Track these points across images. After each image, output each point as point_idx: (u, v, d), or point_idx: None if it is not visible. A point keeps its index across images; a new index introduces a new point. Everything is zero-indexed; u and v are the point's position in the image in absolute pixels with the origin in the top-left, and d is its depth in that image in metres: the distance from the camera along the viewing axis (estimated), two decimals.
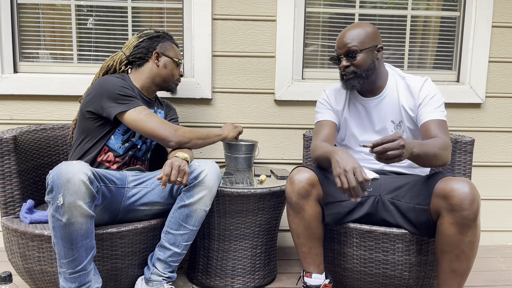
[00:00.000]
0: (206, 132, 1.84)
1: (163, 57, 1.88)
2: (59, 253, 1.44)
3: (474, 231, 1.43)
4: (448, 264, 1.49)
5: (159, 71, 1.88)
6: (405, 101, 1.76)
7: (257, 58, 2.33)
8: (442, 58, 2.49)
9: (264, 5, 2.29)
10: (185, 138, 1.75)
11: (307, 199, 1.60)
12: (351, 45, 1.71)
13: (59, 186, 1.38)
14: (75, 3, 2.31)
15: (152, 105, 1.94)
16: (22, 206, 1.72)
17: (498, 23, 2.38)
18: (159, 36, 1.90)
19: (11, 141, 1.70)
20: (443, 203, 1.46)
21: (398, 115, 1.78)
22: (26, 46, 2.34)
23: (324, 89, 1.94)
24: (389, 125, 1.79)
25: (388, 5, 2.42)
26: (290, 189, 1.62)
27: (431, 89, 1.74)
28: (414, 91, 1.75)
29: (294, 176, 1.62)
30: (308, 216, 1.61)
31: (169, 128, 1.72)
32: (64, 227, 1.40)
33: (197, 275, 1.96)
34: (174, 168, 1.56)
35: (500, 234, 2.57)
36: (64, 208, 1.38)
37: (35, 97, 2.28)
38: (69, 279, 1.46)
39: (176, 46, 1.95)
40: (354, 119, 1.85)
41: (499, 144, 2.48)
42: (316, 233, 1.64)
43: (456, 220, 1.43)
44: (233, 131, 2.00)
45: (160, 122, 1.72)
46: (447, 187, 1.45)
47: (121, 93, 1.70)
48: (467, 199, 1.41)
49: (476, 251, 1.47)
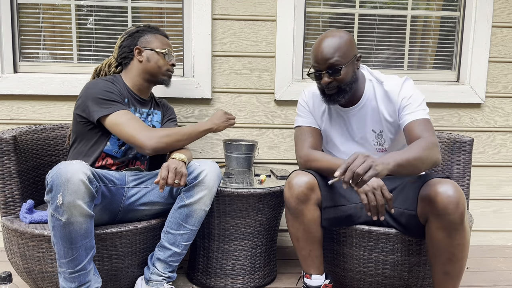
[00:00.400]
0: (191, 129, 1.76)
1: (145, 51, 1.82)
2: (59, 253, 1.44)
3: (462, 233, 1.42)
4: (440, 267, 1.48)
5: (144, 66, 1.82)
6: (385, 109, 1.67)
7: (257, 58, 2.33)
8: (442, 58, 2.49)
9: (264, 5, 2.29)
10: (161, 144, 1.65)
11: (306, 203, 1.57)
12: (334, 60, 1.56)
13: (58, 186, 1.37)
14: (75, 3, 2.31)
15: (146, 105, 1.89)
16: (22, 206, 1.72)
17: (498, 23, 2.38)
18: (138, 31, 1.85)
19: (11, 141, 1.70)
20: (428, 208, 1.45)
21: (379, 124, 1.70)
22: (26, 46, 2.34)
23: (304, 89, 1.84)
24: (370, 135, 1.72)
25: (388, 5, 2.42)
26: (288, 194, 1.58)
27: (408, 89, 1.63)
28: (393, 96, 1.64)
29: (293, 180, 1.58)
30: (307, 220, 1.59)
31: (146, 135, 1.64)
32: (63, 226, 1.40)
33: (197, 275, 1.96)
34: (170, 170, 1.55)
35: (500, 234, 2.57)
36: (64, 207, 1.37)
37: (35, 97, 2.28)
38: (69, 279, 1.46)
39: (162, 36, 1.88)
40: (335, 128, 1.76)
41: (499, 144, 2.48)
42: (316, 236, 1.62)
43: (443, 225, 1.41)
44: (223, 123, 1.86)
45: (138, 127, 1.65)
46: (431, 192, 1.42)
47: (104, 97, 1.67)
48: (452, 203, 1.38)
49: (467, 252, 1.46)
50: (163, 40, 1.87)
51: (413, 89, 1.64)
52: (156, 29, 1.89)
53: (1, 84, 2.24)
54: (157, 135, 1.66)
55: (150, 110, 1.90)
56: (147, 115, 1.88)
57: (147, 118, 1.88)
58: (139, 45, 1.83)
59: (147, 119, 1.89)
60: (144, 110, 1.87)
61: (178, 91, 2.28)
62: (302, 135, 1.75)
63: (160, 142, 1.65)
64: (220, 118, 1.86)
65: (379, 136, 1.71)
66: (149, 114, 1.89)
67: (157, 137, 1.65)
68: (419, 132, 1.54)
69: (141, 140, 1.63)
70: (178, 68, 2.35)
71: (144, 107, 1.88)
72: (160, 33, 1.88)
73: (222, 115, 1.87)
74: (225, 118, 1.87)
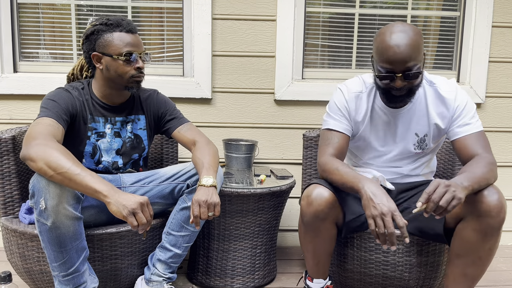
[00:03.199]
0: (86, 179, 1.30)
1: (103, 57, 1.55)
2: (49, 257, 1.42)
3: (496, 238, 1.39)
4: (461, 268, 1.45)
5: (105, 75, 1.58)
6: (436, 114, 1.58)
7: (257, 58, 2.33)
8: (442, 58, 2.49)
9: (264, 5, 2.29)
10: (34, 161, 1.31)
11: (324, 221, 1.49)
12: (413, 63, 1.41)
13: (39, 190, 1.34)
14: (75, 3, 2.31)
15: (121, 112, 1.67)
16: (22, 206, 1.71)
17: (498, 23, 2.37)
18: (94, 32, 1.56)
19: (10, 141, 1.69)
20: (468, 207, 1.40)
21: (425, 127, 1.60)
22: (26, 45, 2.34)
23: (341, 87, 1.65)
24: (412, 138, 1.62)
25: (388, 5, 2.42)
26: (306, 209, 1.48)
27: (463, 97, 1.56)
28: (450, 103, 1.56)
29: (312, 195, 1.47)
30: (323, 237, 1.52)
31: (33, 141, 1.35)
32: (50, 230, 1.36)
33: (197, 275, 1.96)
34: (201, 205, 1.44)
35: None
36: (48, 212, 1.34)
37: (35, 97, 2.27)
38: (63, 282, 1.45)
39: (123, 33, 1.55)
40: (375, 129, 1.64)
41: (499, 144, 2.47)
42: (328, 250, 1.57)
43: (481, 227, 1.38)
44: (123, 211, 1.30)
45: (30, 133, 1.38)
46: (475, 193, 1.38)
47: (43, 105, 1.51)
48: (496, 207, 1.35)
49: (493, 257, 1.44)
50: (124, 38, 1.55)
51: (466, 94, 1.58)
52: (117, 24, 1.55)
53: (1, 84, 2.23)
54: (40, 151, 1.31)
55: (128, 117, 1.69)
56: (122, 124, 1.67)
57: (123, 127, 1.68)
58: (96, 50, 1.56)
59: (124, 128, 1.68)
60: (118, 119, 1.67)
61: (178, 91, 2.27)
62: (328, 139, 1.61)
63: (34, 157, 1.31)
64: (127, 201, 1.30)
65: (422, 140, 1.63)
66: (127, 122, 1.68)
67: (39, 151, 1.31)
68: (476, 148, 1.49)
69: (24, 142, 1.37)
70: (178, 68, 2.35)
71: (118, 115, 1.66)
72: (120, 30, 1.55)
73: (134, 202, 1.31)
74: (133, 207, 1.30)
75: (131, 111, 1.71)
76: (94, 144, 1.63)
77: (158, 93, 1.79)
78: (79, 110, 1.58)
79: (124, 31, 1.55)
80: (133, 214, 1.30)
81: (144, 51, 1.59)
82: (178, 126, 1.75)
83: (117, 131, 1.67)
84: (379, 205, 1.29)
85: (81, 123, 1.60)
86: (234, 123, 2.36)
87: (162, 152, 2.11)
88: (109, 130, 1.65)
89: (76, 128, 1.59)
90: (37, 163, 1.31)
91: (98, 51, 1.56)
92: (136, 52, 1.55)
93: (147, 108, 1.74)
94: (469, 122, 1.53)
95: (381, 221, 1.28)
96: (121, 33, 1.55)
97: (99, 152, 1.64)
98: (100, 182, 1.31)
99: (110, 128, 1.65)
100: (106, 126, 1.65)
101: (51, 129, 1.41)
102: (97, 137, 1.63)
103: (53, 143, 1.36)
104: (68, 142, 1.57)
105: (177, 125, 1.75)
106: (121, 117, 1.67)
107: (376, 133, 1.65)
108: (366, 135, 1.65)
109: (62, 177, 1.30)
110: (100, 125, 1.64)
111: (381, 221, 1.28)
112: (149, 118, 1.75)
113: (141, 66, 1.57)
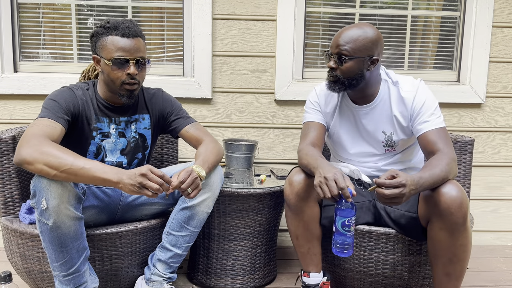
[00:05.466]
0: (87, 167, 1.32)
1: (101, 59, 1.55)
2: (50, 257, 1.42)
3: (465, 234, 1.41)
4: (442, 268, 1.47)
5: (104, 78, 1.58)
6: (399, 113, 1.66)
7: (257, 58, 2.33)
8: (443, 58, 2.49)
9: (264, 5, 2.29)
10: (31, 163, 1.31)
11: (306, 200, 1.57)
12: (343, 48, 1.56)
13: (41, 190, 1.34)
14: (75, 3, 2.31)
15: (125, 112, 1.67)
16: (22, 206, 1.71)
17: (499, 23, 2.37)
18: (94, 34, 1.57)
19: (10, 141, 1.69)
20: (431, 208, 1.44)
21: (390, 125, 1.68)
22: (26, 45, 2.34)
23: (315, 87, 1.83)
24: (380, 136, 1.70)
25: (389, 5, 2.42)
26: (289, 190, 1.58)
27: (421, 96, 1.62)
28: (408, 102, 1.63)
29: (293, 177, 1.58)
30: (307, 217, 1.59)
31: (17, 147, 1.35)
32: (51, 230, 1.36)
33: (197, 275, 1.96)
34: (191, 176, 1.44)
35: (500, 234, 2.56)
36: (49, 212, 1.34)
37: (35, 97, 2.27)
38: (64, 282, 1.45)
39: (118, 36, 1.51)
40: (344, 125, 1.75)
41: (500, 144, 2.47)
42: (315, 233, 1.63)
43: (446, 225, 1.40)
44: (131, 186, 1.34)
45: (23, 136, 1.37)
46: (435, 192, 1.42)
47: (44, 105, 1.51)
48: (455, 203, 1.37)
49: (469, 253, 1.45)
50: (116, 43, 1.51)
51: (427, 93, 1.63)
52: (114, 28, 1.52)
53: (1, 83, 2.24)
54: (35, 153, 1.31)
55: (132, 117, 1.69)
56: (126, 124, 1.68)
57: (128, 127, 1.69)
58: (96, 52, 1.57)
59: (129, 128, 1.69)
60: (122, 119, 1.67)
61: (178, 91, 2.27)
62: (305, 130, 1.75)
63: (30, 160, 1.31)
64: (132, 178, 1.33)
65: (389, 138, 1.70)
66: (131, 121, 1.69)
67: (34, 154, 1.31)
68: (437, 143, 1.54)
69: (18, 145, 1.35)
70: (178, 68, 2.35)
71: (122, 115, 1.66)
72: (115, 34, 1.51)
73: (136, 176, 1.33)
74: (138, 180, 1.33)
75: (135, 111, 1.70)
76: (99, 144, 1.64)
77: (163, 92, 1.79)
78: (81, 109, 1.58)
79: (119, 35, 1.51)
80: (143, 187, 1.34)
81: (138, 57, 1.54)
82: (185, 125, 1.75)
83: (122, 131, 1.67)
84: (322, 173, 1.39)
85: (85, 122, 1.60)
86: (234, 123, 2.36)
87: (162, 152, 2.12)
88: (113, 130, 1.66)
89: (79, 127, 1.59)
90: (35, 165, 1.31)
91: (97, 54, 1.57)
92: (126, 58, 1.51)
93: (152, 107, 1.74)
94: (427, 120, 1.58)
95: (325, 186, 1.37)
96: (115, 37, 1.51)
97: (103, 152, 1.65)
98: (105, 170, 1.33)
99: (114, 129, 1.66)
100: (111, 127, 1.65)
101: (46, 130, 1.41)
102: (102, 137, 1.64)
103: (47, 142, 1.35)
104: (71, 141, 1.57)
105: (185, 125, 1.75)
106: (125, 117, 1.68)
107: (345, 129, 1.75)
108: (336, 129, 1.77)
109: (67, 174, 1.31)
110: (105, 125, 1.64)
111: (326, 186, 1.37)
112: (154, 117, 1.74)
113: (132, 72, 1.51)
